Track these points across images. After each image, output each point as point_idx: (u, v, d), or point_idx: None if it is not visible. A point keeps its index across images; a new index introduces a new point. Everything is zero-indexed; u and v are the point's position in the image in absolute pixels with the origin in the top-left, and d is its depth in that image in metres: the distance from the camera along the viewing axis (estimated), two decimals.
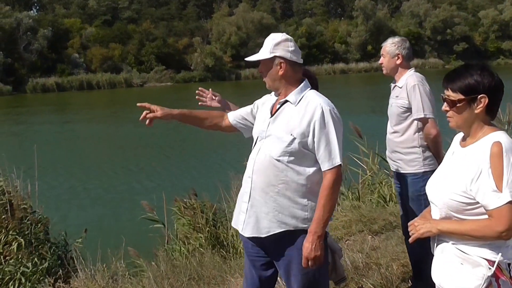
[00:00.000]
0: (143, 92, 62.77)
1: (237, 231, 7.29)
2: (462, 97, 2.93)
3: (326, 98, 3.82)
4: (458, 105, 2.95)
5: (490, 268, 2.88)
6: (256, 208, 3.80)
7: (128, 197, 16.00)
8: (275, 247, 3.83)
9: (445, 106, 3.02)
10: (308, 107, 3.71)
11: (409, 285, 5.69)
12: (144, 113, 4.08)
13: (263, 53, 3.82)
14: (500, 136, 2.91)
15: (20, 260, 7.15)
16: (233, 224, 4.07)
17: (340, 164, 3.69)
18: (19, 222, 7.55)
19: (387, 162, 5.88)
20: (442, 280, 3.08)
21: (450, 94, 2.98)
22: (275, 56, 3.79)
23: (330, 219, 3.74)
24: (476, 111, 2.93)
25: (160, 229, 8.42)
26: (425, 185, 4.32)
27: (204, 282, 6.34)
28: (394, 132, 5.35)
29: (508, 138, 2.92)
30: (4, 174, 8.18)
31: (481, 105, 2.91)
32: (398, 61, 5.30)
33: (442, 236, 3.07)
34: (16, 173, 8.16)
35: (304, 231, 3.72)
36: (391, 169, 5.67)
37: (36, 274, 7.07)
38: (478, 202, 2.88)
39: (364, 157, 9.86)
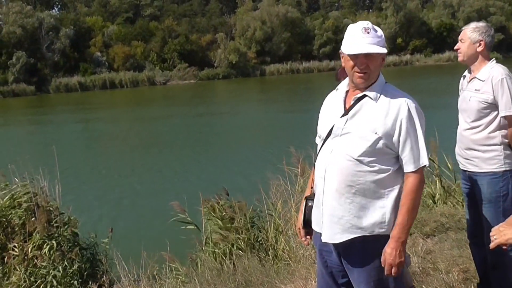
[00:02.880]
0: (166, 90, 63.28)
1: (276, 233, 7.48)
2: None
3: (406, 93, 3.64)
4: None
5: None
6: (329, 211, 3.63)
7: (157, 198, 15.59)
8: (346, 252, 3.68)
9: None
10: (392, 104, 3.53)
11: None
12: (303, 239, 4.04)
13: (381, 47, 3.54)
14: None
15: (52, 263, 7.20)
16: (314, 226, 3.82)
17: (425, 165, 3.56)
18: (47, 224, 7.51)
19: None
20: None
21: None
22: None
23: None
24: None
25: (191, 231, 8.15)
26: (505, 185, 4.76)
27: None
28: (471, 128, 4.95)
29: None
30: (29, 176, 8.05)
31: None
32: (480, 48, 4.87)
33: None
34: (42, 175, 8.02)
35: (379, 236, 3.57)
36: (461, 167, 5.24)
37: (66, 277, 7.14)
38: None
39: None
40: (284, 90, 53.27)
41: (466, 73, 5.08)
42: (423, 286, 5.45)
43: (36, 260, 7.25)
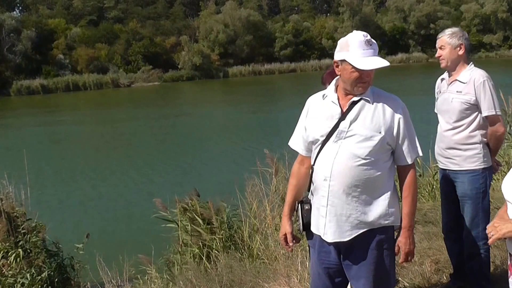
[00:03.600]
0: (131, 92, 62.67)
1: (251, 232, 7.53)
2: None
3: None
4: None
5: None
6: (336, 211, 3.73)
7: (126, 200, 15.61)
8: (347, 249, 3.79)
9: None
10: (386, 104, 3.73)
11: (446, 282, 5.69)
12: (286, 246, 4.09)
13: (384, 59, 3.70)
14: None
15: (19, 271, 7.07)
16: (313, 229, 3.90)
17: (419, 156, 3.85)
18: (14, 231, 7.41)
19: None
20: None
21: None
22: None
23: None
24: None
25: (166, 232, 8.13)
26: (484, 182, 4.99)
27: None
28: (454, 128, 5.16)
29: None
30: None
31: None
32: (461, 52, 5.07)
33: None
34: (7, 180, 7.91)
35: (383, 228, 3.74)
36: (440, 166, 5.48)
37: (35, 284, 7.01)
38: None
39: None
40: (247, 91, 53.37)
41: (444, 75, 5.27)
42: (399, 278, 5.62)
43: (3, 269, 7.11)
